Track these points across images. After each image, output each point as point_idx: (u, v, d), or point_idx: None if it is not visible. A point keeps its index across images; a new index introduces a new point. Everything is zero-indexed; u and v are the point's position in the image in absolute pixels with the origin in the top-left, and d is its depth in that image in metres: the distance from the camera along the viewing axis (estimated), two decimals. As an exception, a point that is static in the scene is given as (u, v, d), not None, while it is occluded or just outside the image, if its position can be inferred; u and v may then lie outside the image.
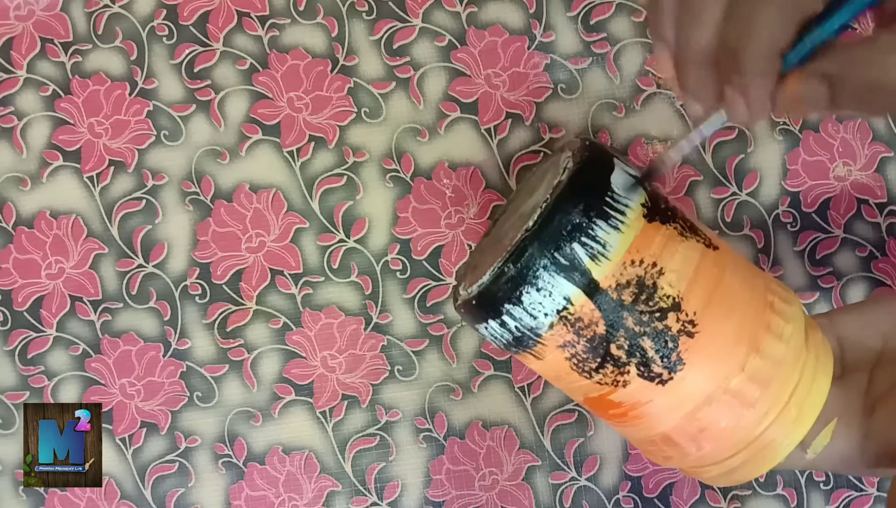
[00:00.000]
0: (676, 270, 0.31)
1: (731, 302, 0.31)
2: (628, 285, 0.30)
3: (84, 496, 0.45)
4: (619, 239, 0.30)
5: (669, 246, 0.31)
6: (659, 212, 0.32)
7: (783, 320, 0.32)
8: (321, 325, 0.46)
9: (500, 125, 0.47)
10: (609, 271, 0.30)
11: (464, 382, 0.46)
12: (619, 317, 0.31)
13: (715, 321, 0.31)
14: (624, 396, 0.32)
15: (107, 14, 0.47)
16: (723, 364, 0.31)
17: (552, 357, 0.32)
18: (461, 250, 0.46)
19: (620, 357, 0.31)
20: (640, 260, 0.30)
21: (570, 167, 0.31)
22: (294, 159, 0.46)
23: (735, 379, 0.31)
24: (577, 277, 0.30)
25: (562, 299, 0.30)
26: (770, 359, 0.31)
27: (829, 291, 0.46)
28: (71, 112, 0.47)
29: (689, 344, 0.31)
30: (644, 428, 0.33)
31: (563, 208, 0.30)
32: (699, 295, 0.31)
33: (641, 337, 0.31)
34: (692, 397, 0.31)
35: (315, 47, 0.47)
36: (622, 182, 0.31)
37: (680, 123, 0.47)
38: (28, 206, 0.46)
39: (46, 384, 0.45)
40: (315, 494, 0.45)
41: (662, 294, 0.30)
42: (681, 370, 0.31)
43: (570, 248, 0.30)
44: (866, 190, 0.46)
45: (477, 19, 0.47)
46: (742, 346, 0.31)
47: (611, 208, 0.30)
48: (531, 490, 0.45)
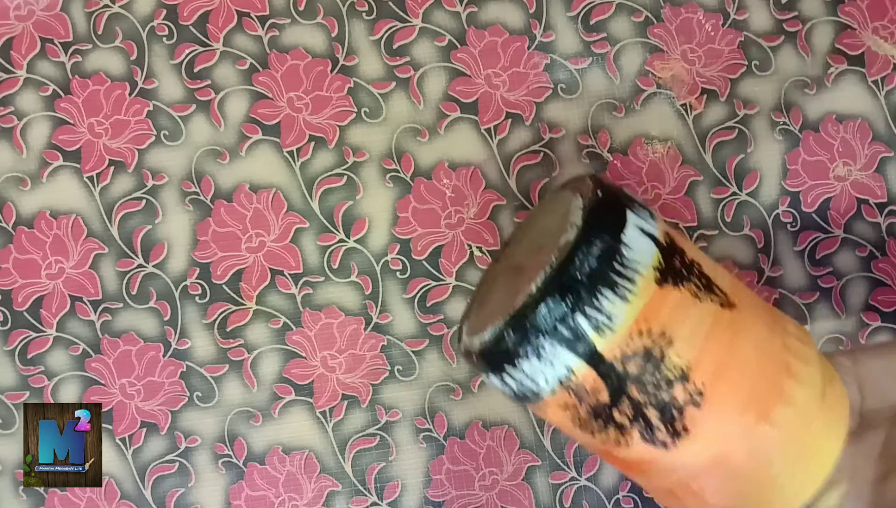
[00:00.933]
0: (686, 338, 0.29)
1: (743, 370, 0.30)
2: (634, 357, 0.29)
3: (84, 496, 0.45)
4: (627, 310, 0.29)
5: (680, 312, 0.29)
6: (673, 272, 0.30)
7: (797, 382, 0.30)
8: (321, 325, 0.46)
9: (500, 125, 0.47)
10: (615, 342, 0.29)
11: (464, 382, 0.46)
12: (623, 387, 0.29)
13: (724, 390, 0.29)
14: (626, 454, 0.31)
15: (107, 14, 0.47)
16: (729, 434, 0.30)
17: (554, 414, 0.31)
18: (461, 250, 0.46)
19: (623, 423, 0.30)
20: (647, 330, 0.29)
21: (577, 225, 0.30)
22: (294, 159, 0.46)
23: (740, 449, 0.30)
24: (580, 348, 0.29)
25: (564, 369, 0.29)
26: (779, 427, 0.30)
27: (829, 291, 0.46)
28: (71, 112, 0.47)
29: (695, 414, 0.29)
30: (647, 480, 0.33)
31: (566, 276, 0.28)
32: (709, 364, 0.29)
33: (646, 407, 0.29)
34: (695, 462, 0.30)
35: (315, 47, 0.47)
36: (635, 241, 0.29)
37: (680, 123, 0.47)
38: (28, 206, 0.46)
39: (46, 384, 0.45)
40: (315, 494, 0.45)
41: (670, 365, 0.29)
42: (685, 438, 0.30)
43: (574, 320, 0.28)
44: (866, 190, 0.46)
45: (477, 19, 0.47)
46: (751, 414, 0.30)
47: (619, 275, 0.29)
48: (531, 490, 0.45)
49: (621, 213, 0.30)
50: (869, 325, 0.46)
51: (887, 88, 0.47)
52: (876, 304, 0.46)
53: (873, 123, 0.47)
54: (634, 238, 0.30)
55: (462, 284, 0.46)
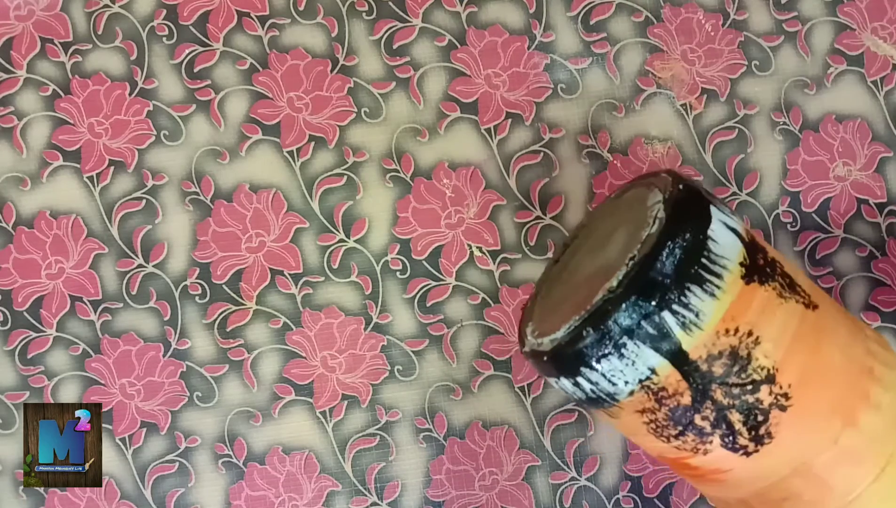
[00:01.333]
0: (773, 338, 0.28)
1: (829, 372, 0.29)
2: (720, 356, 0.28)
3: (84, 496, 0.45)
4: (714, 306, 0.27)
5: (767, 311, 0.28)
6: (758, 270, 0.29)
7: (882, 388, 0.30)
8: (321, 325, 0.46)
9: (500, 125, 0.47)
10: (701, 341, 0.27)
11: (464, 382, 0.46)
12: (707, 389, 0.28)
13: (811, 394, 0.28)
14: (703, 462, 0.30)
15: (107, 14, 0.47)
16: (815, 439, 0.29)
17: (628, 420, 0.30)
18: (461, 250, 0.46)
19: (704, 428, 0.29)
20: (735, 328, 0.28)
21: (661, 218, 0.28)
22: (294, 159, 0.46)
23: (826, 454, 0.29)
24: (664, 347, 0.27)
25: (646, 370, 0.28)
26: (866, 433, 0.29)
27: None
28: (71, 112, 0.47)
29: (780, 418, 0.28)
30: (722, 490, 0.31)
31: (653, 271, 0.27)
32: (796, 366, 0.28)
33: (729, 410, 0.28)
34: (778, 470, 0.29)
35: (315, 47, 0.47)
36: (721, 236, 0.28)
37: (680, 123, 0.47)
38: (28, 206, 0.46)
39: (46, 384, 0.45)
40: (315, 494, 0.45)
41: (757, 366, 0.28)
42: (768, 444, 0.29)
43: (660, 316, 0.27)
44: (866, 190, 0.46)
45: (477, 19, 0.47)
46: (837, 419, 0.29)
47: (706, 270, 0.27)
48: (531, 490, 0.45)
49: (705, 207, 0.29)
50: (869, 325, 0.46)
51: (886, 88, 0.47)
52: (876, 304, 0.46)
53: (873, 124, 0.47)
54: (720, 233, 0.28)
55: (462, 284, 0.46)
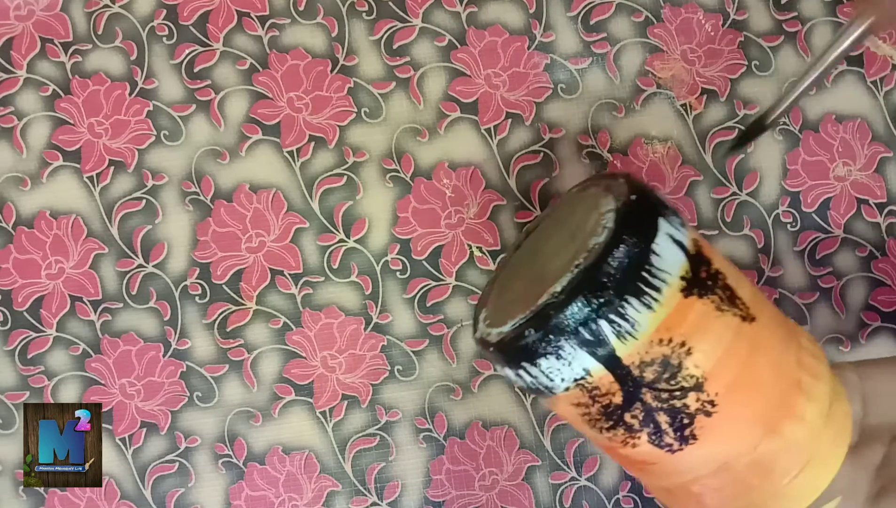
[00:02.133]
0: (706, 350, 0.29)
1: (756, 385, 0.30)
2: (652, 363, 0.29)
3: (84, 496, 0.45)
4: (650, 318, 0.29)
5: (703, 324, 0.29)
6: (698, 283, 0.30)
7: (807, 399, 0.31)
8: (321, 325, 0.46)
9: (500, 125, 0.47)
10: (635, 349, 0.29)
11: (464, 382, 0.46)
12: (637, 392, 0.29)
13: (736, 403, 0.30)
14: (632, 454, 0.31)
15: (107, 14, 0.47)
16: (735, 445, 0.30)
17: (565, 409, 0.32)
18: (461, 250, 0.46)
19: (633, 425, 0.30)
20: (668, 339, 0.29)
21: (609, 228, 0.29)
22: (294, 159, 0.46)
23: (745, 458, 0.30)
24: (599, 352, 0.29)
25: (581, 370, 0.29)
26: (786, 441, 0.30)
27: (829, 291, 0.46)
28: (71, 112, 0.47)
29: (704, 422, 0.30)
30: (648, 479, 0.33)
31: (594, 280, 0.28)
32: (724, 377, 0.29)
33: (657, 412, 0.30)
34: (698, 468, 0.31)
35: (315, 47, 0.47)
36: (665, 250, 0.29)
37: (680, 123, 0.47)
38: (28, 206, 0.46)
39: (46, 384, 0.45)
40: (315, 494, 0.45)
41: (687, 374, 0.29)
42: (692, 444, 0.30)
43: (597, 324, 0.28)
44: (866, 190, 0.46)
45: (477, 19, 0.47)
46: (758, 428, 0.30)
47: (646, 284, 0.29)
48: (531, 490, 0.45)
49: (653, 219, 0.30)
50: (869, 325, 0.46)
51: (886, 89, 0.47)
52: (876, 304, 0.46)
53: (872, 124, 0.47)
54: (665, 247, 0.29)
55: (462, 284, 0.46)
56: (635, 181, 0.32)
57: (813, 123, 0.47)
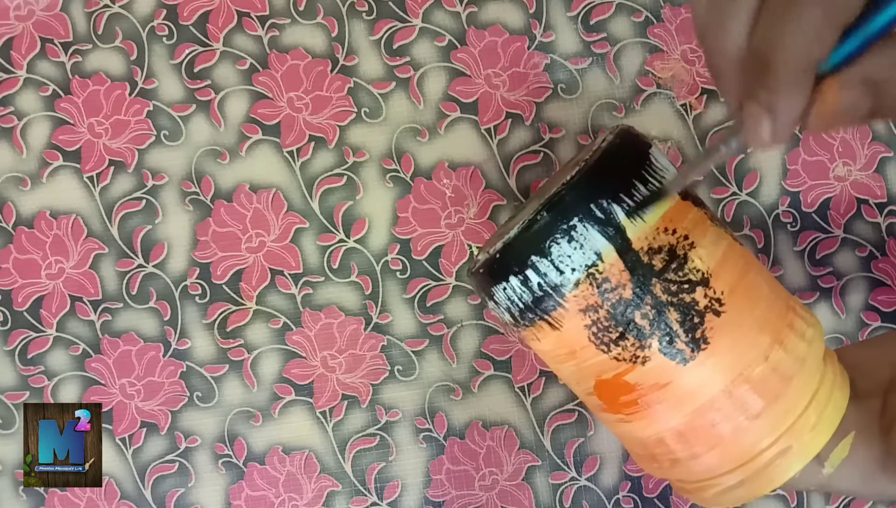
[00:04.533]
0: (707, 247, 0.31)
1: (757, 294, 0.32)
2: (660, 251, 0.30)
3: (84, 496, 0.45)
4: (655, 204, 0.31)
5: (701, 225, 0.32)
6: (691, 197, 0.33)
7: (806, 323, 0.32)
8: (321, 325, 0.46)
9: (500, 125, 0.47)
10: (643, 232, 0.30)
11: (464, 382, 0.46)
12: (647, 282, 0.30)
13: (741, 307, 0.31)
14: (641, 376, 0.31)
15: (107, 14, 0.47)
16: (746, 350, 0.30)
17: (571, 325, 0.31)
18: (461, 250, 0.46)
19: (644, 328, 0.30)
20: (673, 229, 0.31)
21: (609, 139, 0.32)
22: (294, 159, 0.46)
23: (759, 367, 0.30)
24: (611, 232, 0.30)
25: (592, 254, 0.30)
26: (793, 355, 0.31)
27: (829, 291, 0.46)
28: (71, 112, 0.47)
29: (714, 323, 0.30)
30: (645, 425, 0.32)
31: (604, 167, 0.31)
32: (727, 278, 0.31)
33: (668, 307, 0.30)
34: (714, 381, 0.30)
35: (315, 47, 0.47)
36: (661, 159, 0.32)
37: (680, 123, 0.47)
38: (28, 206, 0.46)
39: (46, 384, 0.45)
40: (315, 494, 0.45)
41: (692, 267, 0.30)
42: (704, 350, 0.30)
43: (608, 201, 0.30)
44: (866, 190, 0.46)
45: (477, 19, 0.47)
46: (766, 335, 0.31)
47: (649, 174, 0.31)
48: (531, 490, 0.45)
49: (645, 144, 0.33)
50: (869, 325, 0.46)
51: (887, 88, 0.47)
52: (876, 304, 0.46)
53: (873, 124, 0.46)
54: (660, 157, 0.32)
55: (462, 284, 0.46)
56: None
57: (813, 123, 0.47)
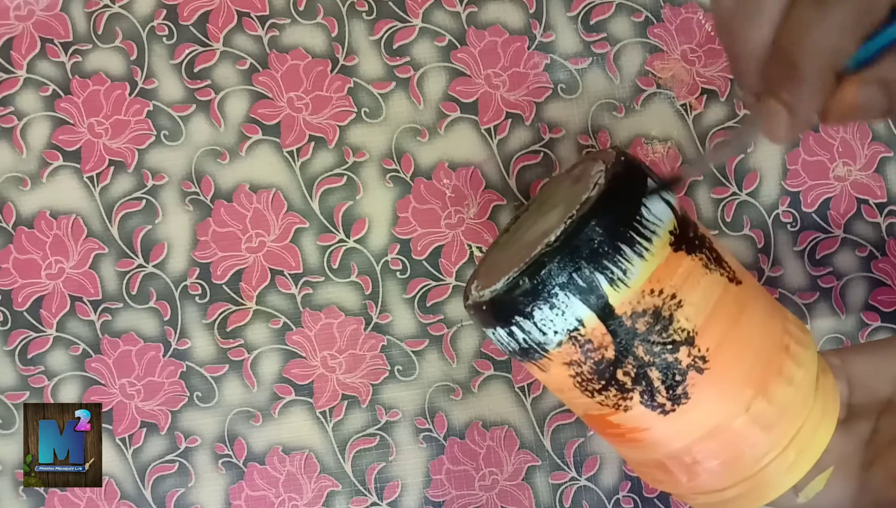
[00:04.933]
0: (695, 303, 0.30)
1: (746, 343, 0.31)
2: (644, 314, 0.29)
3: (84, 496, 0.45)
4: (642, 267, 0.29)
5: (692, 278, 0.30)
6: (686, 241, 0.31)
7: (796, 364, 0.31)
8: (321, 325, 0.46)
9: (500, 125, 0.47)
10: (627, 297, 0.29)
11: (464, 382, 0.46)
12: (630, 345, 0.30)
13: (727, 361, 0.30)
14: (624, 419, 0.32)
15: (107, 14, 0.47)
16: (728, 404, 0.30)
17: (556, 372, 0.32)
18: (461, 250, 0.46)
19: (625, 383, 0.30)
20: (659, 290, 0.29)
21: (600, 183, 0.30)
22: (294, 159, 0.46)
23: (738, 419, 0.30)
24: (592, 300, 0.29)
25: (574, 320, 0.30)
26: (776, 404, 0.31)
27: (829, 291, 0.46)
28: (71, 112, 0.47)
29: (696, 380, 0.30)
30: (639, 451, 0.33)
31: (588, 228, 0.29)
32: (715, 332, 0.30)
33: (649, 367, 0.30)
34: (692, 431, 0.31)
35: (315, 47, 0.47)
36: (655, 205, 0.30)
37: (680, 123, 0.47)
38: (28, 206, 0.46)
39: (46, 384, 0.45)
40: (315, 494, 0.45)
41: (678, 327, 0.30)
42: (684, 404, 0.30)
43: (590, 271, 0.29)
44: (866, 190, 0.46)
45: (477, 19, 0.47)
46: (750, 388, 0.30)
47: (638, 233, 0.29)
48: (531, 490, 0.45)
49: (643, 178, 0.31)
50: (869, 325, 0.46)
51: (887, 88, 0.47)
52: (876, 304, 0.46)
53: (873, 124, 0.46)
54: (654, 202, 0.30)
55: (462, 284, 0.46)
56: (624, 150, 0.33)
57: (813, 123, 0.47)
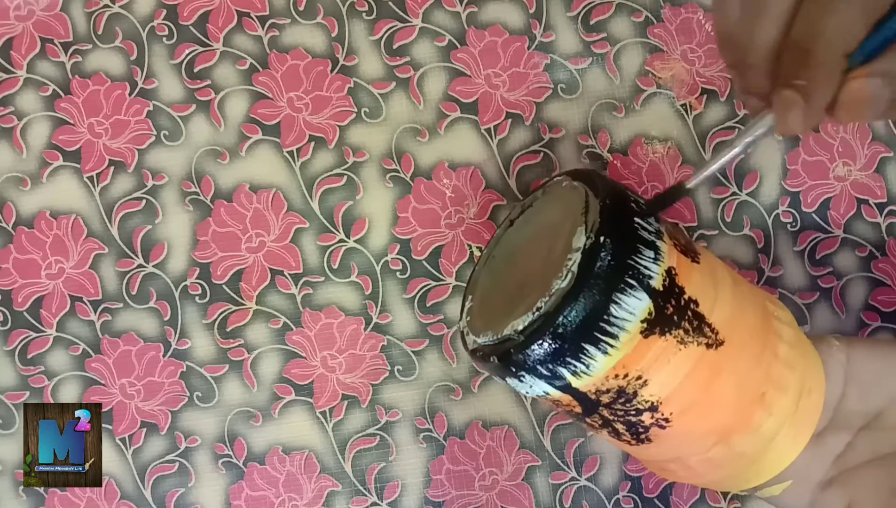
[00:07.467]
0: (662, 381, 0.30)
1: (714, 406, 0.31)
2: (608, 392, 0.31)
3: (84, 496, 0.45)
4: (605, 361, 0.29)
5: (661, 358, 0.30)
6: (662, 321, 0.29)
7: (768, 413, 0.31)
8: (321, 325, 0.46)
9: (500, 125, 0.47)
10: (591, 382, 0.30)
11: (464, 382, 0.46)
12: (595, 408, 0.32)
13: (690, 421, 0.31)
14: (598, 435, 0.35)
15: (107, 14, 0.47)
16: (689, 448, 0.32)
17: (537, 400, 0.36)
18: (461, 250, 0.46)
19: (594, 425, 0.33)
20: (624, 374, 0.30)
21: (573, 272, 0.29)
22: (294, 159, 0.46)
23: (696, 457, 0.32)
24: (556, 383, 0.31)
25: (541, 391, 0.32)
26: (736, 452, 0.32)
27: (829, 291, 0.46)
28: (71, 112, 0.47)
29: (659, 433, 0.32)
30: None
31: (552, 328, 0.29)
32: (680, 402, 0.31)
33: (615, 422, 0.32)
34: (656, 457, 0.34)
35: (315, 47, 0.47)
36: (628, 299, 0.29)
37: (680, 123, 0.47)
38: (28, 206, 0.46)
39: (46, 384, 0.45)
40: (315, 494, 0.45)
41: (642, 400, 0.31)
42: (647, 444, 0.33)
43: (553, 365, 0.30)
44: (866, 190, 0.46)
45: (477, 19, 0.47)
46: (711, 438, 0.32)
47: (604, 332, 0.29)
48: (531, 490, 0.45)
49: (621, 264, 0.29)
50: (869, 325, 0.46)
51: (887, 88, 0.47)
52: (876, 304, 0.46)
53: (873, 124, 0.46)
54: (627, 296, 0.29)
55: (462, 284, 0.46)
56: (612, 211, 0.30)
57: (813, 123, 0.47)
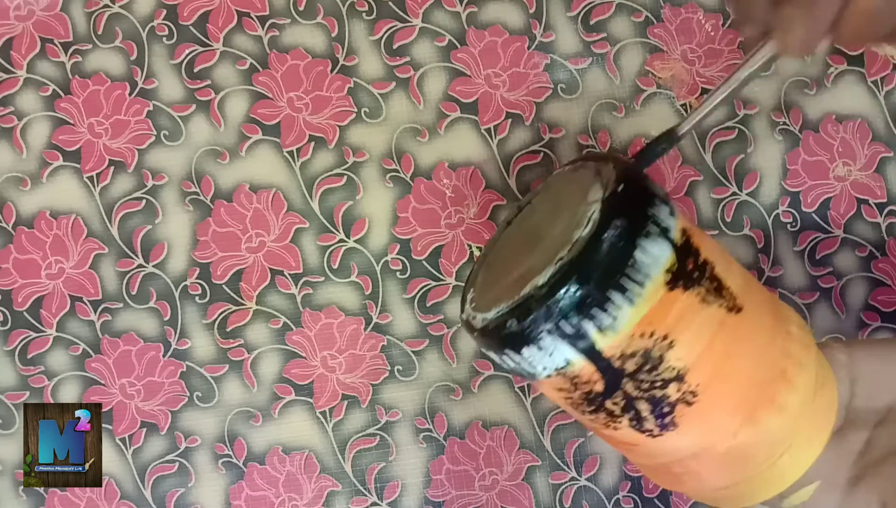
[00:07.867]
0: (688, 343, 0.29)
1: (739, 375, 0.30)
2: (633, 356, 0.29)
3: (84, 496, 0.45)
4: (632, 312, 0.28)
5: (686, 317, 0.29)
6: (684, 276, 0.29)
7: (790, 389, 0.31)
8: (321, 325, 0.46)
9: (500, 125, 0.47)
10: (616, 342, 0.29)
11: (464, 382, 0.46)
12: (618, 382, 0.30)
13: (717, 394, 0.30)
14: (614, 435, 0.32)
15: (107, 14, 0.47)
16: (714, 432, 0.31)
17: (548, 392, 0.33)
18: (461, 250, 0.46)
19: (614, 411, 0.31)
20: (650, 332, 0.29)
21: (594, 220, 0.29)
22: (294, 159, 0.46)
23: (723, 444, 0.31)
24: (580, 344, 0.29)
25: (562, 360, 0.30)
26: (764, 431, 0.30)
27: (829, 291, 0.46)
28: (71, 112, 0.47)
29: (685, 411, 0.30)
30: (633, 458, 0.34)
31: (575, 276, 0.28)
32: (707, 368, 0.30)
33: (638, 400, 0.30)
34: (677, 452, 0.31)
35: (315, 47, 0.47)
36: (651, 245, 0.29)
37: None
38: (28, 206, 0.46)
39: (46, 384, 0.45)
40: (315, 494, 0.45)
41: (668, 366, 0.29)
42: (672, 431, 0.30)
43: (578, 319, 0.28)
44: (866, 190, 0.46)
45: (477, 19, 0.47)
46: (738, 417, 0.30)
47: (630, 279, 0.28)
48: (531, 490, 0.45)
49: (640, 211, 0.29)
50: (869, 325, 0.46)
51: (887, 89, 0.47)
52: (876, 304, 0.46)
53: (873, 124, 0.47)
54: (650, 241, 0.29)
55: (462, 284, 0.46)
56: (625, 166, 0.31)
57: (813, 123, 0.47)
